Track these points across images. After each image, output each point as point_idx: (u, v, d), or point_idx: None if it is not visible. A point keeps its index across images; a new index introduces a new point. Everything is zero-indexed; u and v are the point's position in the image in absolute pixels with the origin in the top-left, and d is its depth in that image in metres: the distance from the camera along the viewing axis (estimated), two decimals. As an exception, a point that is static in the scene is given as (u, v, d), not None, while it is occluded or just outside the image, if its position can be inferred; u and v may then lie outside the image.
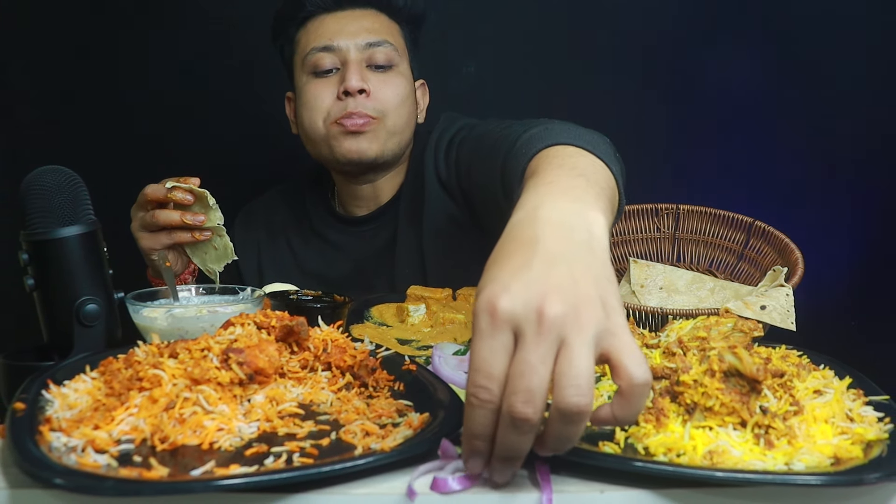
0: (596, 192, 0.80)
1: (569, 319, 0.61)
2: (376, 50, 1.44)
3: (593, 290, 0.64)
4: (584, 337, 0.61)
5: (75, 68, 1.98)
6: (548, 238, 0.68)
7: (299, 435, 0.76)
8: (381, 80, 1.45)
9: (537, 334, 0.60)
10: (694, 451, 0.74)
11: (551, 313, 0.61)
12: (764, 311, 1.07)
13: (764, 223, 1.30)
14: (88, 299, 0.94)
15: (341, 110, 1.42)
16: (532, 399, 0.60)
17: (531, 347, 0.60)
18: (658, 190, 1.47)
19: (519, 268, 0.64)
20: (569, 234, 0.69)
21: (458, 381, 0.96)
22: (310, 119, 1.45)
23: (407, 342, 1.17)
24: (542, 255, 0.66)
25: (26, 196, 0.95)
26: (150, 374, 0.79)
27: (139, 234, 1.27)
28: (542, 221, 0.70)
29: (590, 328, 0.61)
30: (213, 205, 1.20)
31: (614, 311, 0.64)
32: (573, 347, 0.61)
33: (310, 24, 1.49)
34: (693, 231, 1.38)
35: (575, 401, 0.60)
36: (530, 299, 0.61)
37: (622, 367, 0.62)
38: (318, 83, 1.45)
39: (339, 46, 1.44)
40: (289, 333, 0.91)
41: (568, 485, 0.72)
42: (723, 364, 0.79)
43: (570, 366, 0.60)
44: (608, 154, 0.93)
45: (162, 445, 0.72)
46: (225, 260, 1.23)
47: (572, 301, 0.62)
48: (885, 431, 0.79)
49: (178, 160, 1.95)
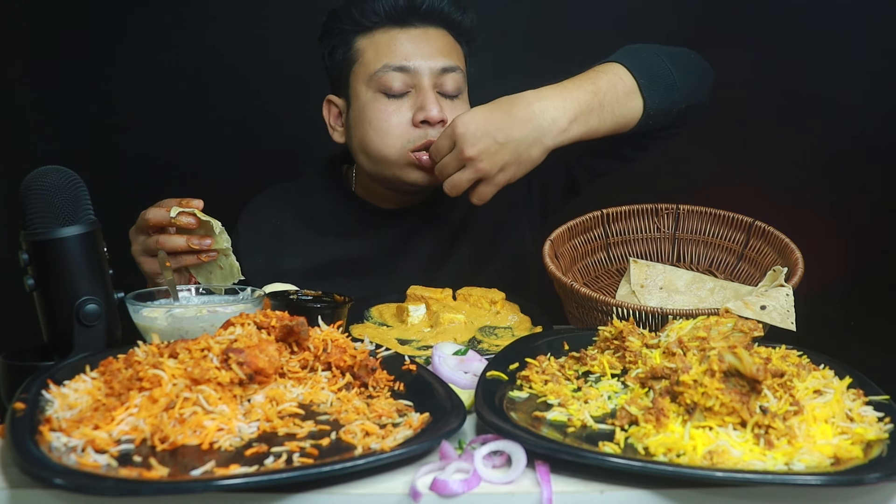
0: (597, 108, 1.24)
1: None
2: (448, 76, 1.42)
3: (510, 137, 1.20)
4: None
5: (75, 68, 1.98)
6: (514, 104, 1.23)
7: (299, 435, 0.76)
8: (453, 109, 1.42)
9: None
10: (694, 451, 0.74)
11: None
12: (764, 311, 1.07)
13: (764, 223, 1.30)
14: (88, 299, 0.94)
15: (420, 138, 1.39)
16: None
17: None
18: (658, 190, 1.47)
19: (485, 108, 1.23)
20: (528, 109, 1.21)
21: (458, 381, 0.96)
22: (381, 142, 1.41)
23: (407, 342, 1.17)
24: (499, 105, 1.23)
25: (26, 196, 0.95)
26: (150, 374, 0.79)
27: (142, 258, 1.24)
28: (523, 97, 1.23)
29: None
30: (219, 231, 1.17)
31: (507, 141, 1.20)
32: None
33: (378, 35, 1.43)
34: (693, 231, 1.38)
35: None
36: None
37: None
38: (389, 104, 1.41)
39: (415, 68, 1.40)
40: (289, 333, 0.91)
41: (568, 485, 0.72)
42: (723, 364, 0.79)
43: None
44: (647, 71, 1.28)
45: (162, 445, 0.72)
46: (231, 279, 1.21)
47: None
48: (885, 431, 0.79)
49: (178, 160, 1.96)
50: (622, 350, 0.95)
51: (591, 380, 0.93)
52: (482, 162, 1.22)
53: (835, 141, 1.90)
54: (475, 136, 1.21)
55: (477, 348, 1.12)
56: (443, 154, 1.26)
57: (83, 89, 1.99)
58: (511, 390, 0.91)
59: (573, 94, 1.24)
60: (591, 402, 0.87)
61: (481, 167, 1.22)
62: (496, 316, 1.26)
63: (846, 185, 1.90)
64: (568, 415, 0.83)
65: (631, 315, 1.10)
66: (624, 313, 1.10)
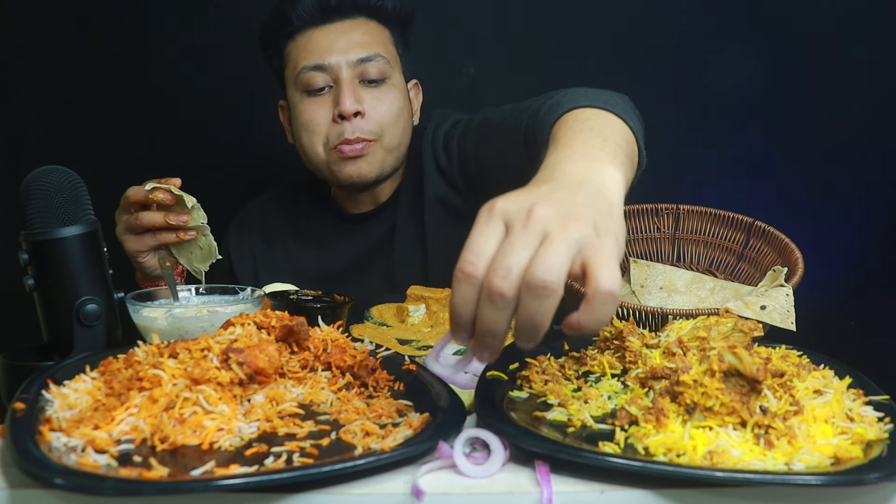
0: (612, 149, 0.86)
1: (556, 220, 0.67)
2: (368, 65, 1.42)
3: (590, 213, 0.69)
4: (566, 236, 0.66)
5: (75, 68, 1.98)
6: (564, 179, 0.75)
7: (299, 435, 0.76)
8: (375, 97, 1.44)
9: (524, 226, 0.67)
10: (694, 451, 0.74)
11: (540, 212, 0.67)
12: (764, 311, 1.07)
13: (764, 223, 1.30)
14: (88, 299, 0.95)
15: (338, 136, 1.42)
16: (508, 276, 0.65)
17: (516, 234, 0.67)
18: (658, 190, 1.47)
19: (526, 189, 0.72)
20: (583, 181, 0.75)
21: (458, 381, 0.96)
22: (309, 142, 1.45)
23: (407, 342, 1.17)
24: (552, 185, 0.73)
25: (26, 196, 0.95)
26: (150, 374, 0.79)
27: (124, 237, 1.26)
28: (562, 171, 0.77)
29: (574, 233, 0.66)
30: (192, 205, 1.19)
31: (606, 234, 0.68)
32: (554, 241, 0.66)
33: (299, 37, 1.46)
34: (693, 231, 1.38)
35: (542, 274, 0.65)
36: (525, 202, 0.68)
37: (592, 274, 0.66)
38: (311, 102, 1.44)
39: (330, 64, 1.42)
40: (289, 333, 0.91)
41: (568, 485, 0.72)
42: (723, 364, 0.79)
43: (546, 252, 0.65)
44: (626, 111, 0.99)
45: (162, 445, 0.72)
46: (210, 259, 1.23)
47: (564, 211, 0.68)
48: (885, 431, 0.79)
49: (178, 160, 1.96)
50: (622, 350, 0.95)
51: (591, 380, 0.93)
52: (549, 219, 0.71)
53: (835, 140, 1.90)
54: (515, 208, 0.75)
55: (477, 348, 1.12)
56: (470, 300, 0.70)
57: (83, 89, 1.99)
58: (511, 390, 0.91)
59: (587, 148, 0.88)
60: (591, 402, 0.86)
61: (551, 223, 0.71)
62: (496, 316, 1.26)
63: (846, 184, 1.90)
64: (568, 415, 0.83)
65: (631, 315, 1.10)
66: (624, 313, 1.10)
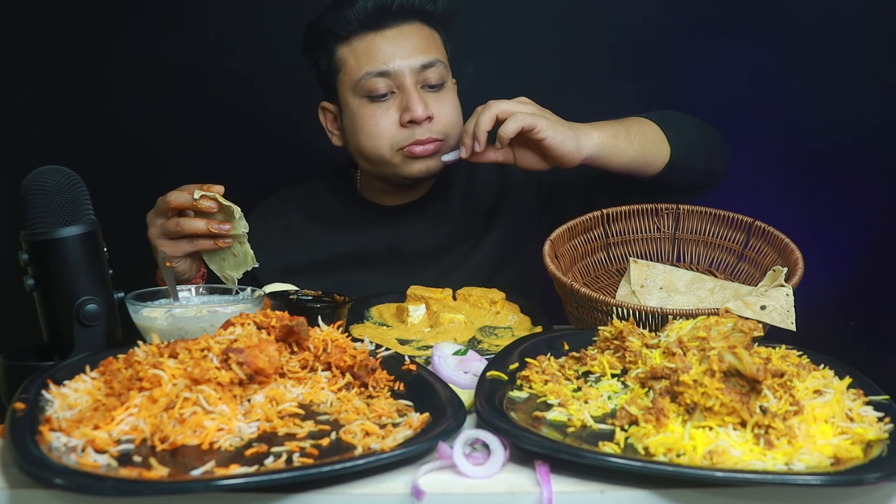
0: (624, 133, 1.29)
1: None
2: (429, 71, 1.44)
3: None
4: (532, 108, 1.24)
5: (76, 69, 1.98)
6: None
7: (299, 435, 0.76)
8: (438, 101, 1.45)
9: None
10: (694, 451, 0.74)
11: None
12: (764, 311, 1.07)
13: (764, 223, 1.30)
14: (88, 299, 0.94)
15: (407, 138, 1.43)
16: (491, 106, 1.25)
17: None
18: (658, 190, 1.47)
19: None
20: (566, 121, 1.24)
21: (458, 381, 0.96)
22: (373, 146, 1.45)
23: (407, 342, 1.17)
24: None
25: (26, 196, 0.95)
26: (150, 374, 0.79)
27: (159, 241, 1.24)
28: None
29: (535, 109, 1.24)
30: (238, 216, 1.19)
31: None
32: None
33: (356, 42, 1.44)
34: (693, 231, 1.38)
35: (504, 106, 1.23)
36: None
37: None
38: (375, 108, 1.44)
39: (395, 70, 1.42)
40: (289, 333, 0.91)
41: (568, 485, 0.72)
42: (723, 364, 0.79)
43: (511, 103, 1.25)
44: (674, 127, 1.35)
45: (162, 445, 0.72)
46: (244, 267, 1.22)
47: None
48: (885, 431, 0.79)
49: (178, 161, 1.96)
50: (622, 350, 0.95)
51: (591, 380, 0.93)
52: (528, 105, 1.25)
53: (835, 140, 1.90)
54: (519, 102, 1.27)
55: (477, 348, 1.12)
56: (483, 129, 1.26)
57: (83, 89, 1.99)
58: (511, 390, 0.91)
59: (600, 125, 1.30)
60: (591, 402, 0.87)
61: (525, 108, 1.24)
62: (496, 316, 1.26)
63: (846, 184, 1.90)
64: (568, 415, 0.83)
65: (631, 315, 1.10)
66: (624, 313, 1.10)
